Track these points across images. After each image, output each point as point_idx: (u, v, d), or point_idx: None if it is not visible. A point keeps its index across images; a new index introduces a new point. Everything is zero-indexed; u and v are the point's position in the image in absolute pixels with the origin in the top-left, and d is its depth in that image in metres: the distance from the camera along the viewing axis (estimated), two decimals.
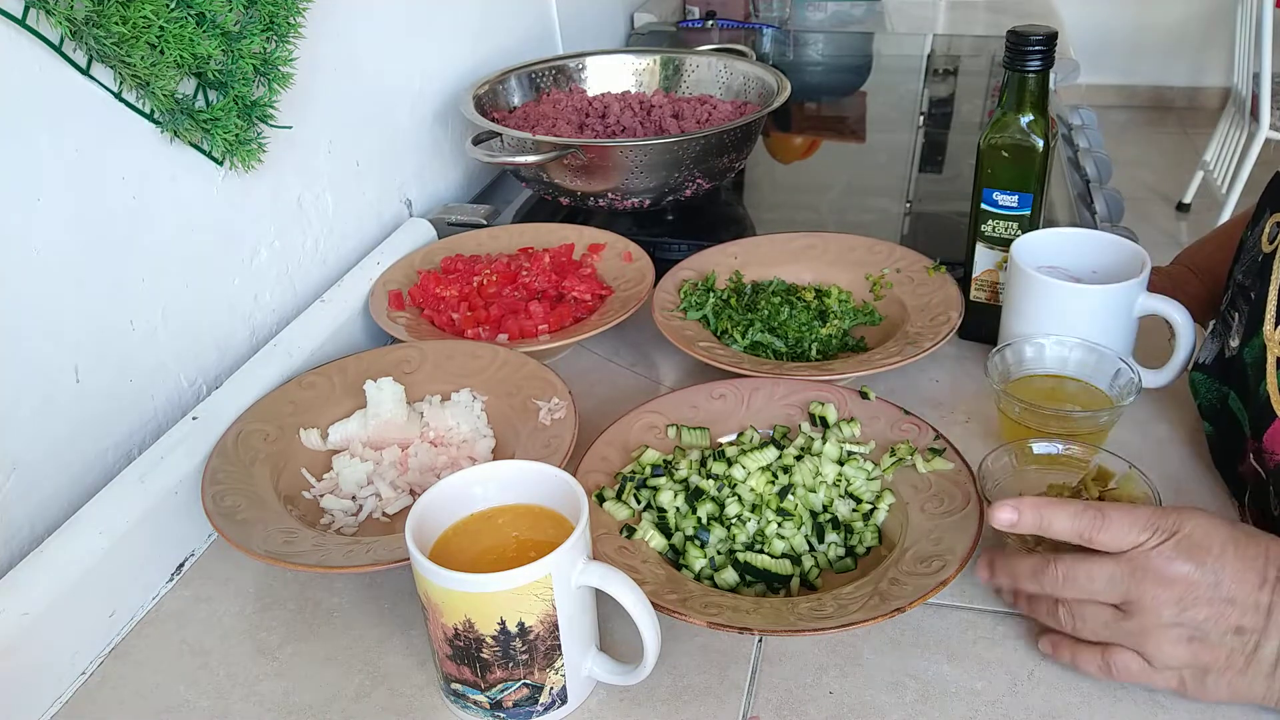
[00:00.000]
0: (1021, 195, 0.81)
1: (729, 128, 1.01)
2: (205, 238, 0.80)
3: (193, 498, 0.70)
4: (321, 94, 0.92)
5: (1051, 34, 0.76)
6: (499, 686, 0.55)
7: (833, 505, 0.68)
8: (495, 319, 0.87)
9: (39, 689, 0.60)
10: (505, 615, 0.53)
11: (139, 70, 0.68)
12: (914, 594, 0.58)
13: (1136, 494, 0.63)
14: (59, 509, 0.68)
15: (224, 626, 0.65)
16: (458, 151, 1.18)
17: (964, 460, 0.69)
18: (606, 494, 0.69)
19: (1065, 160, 1.23)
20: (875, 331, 0.88)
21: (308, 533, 0.67)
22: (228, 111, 0.76)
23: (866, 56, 1.75)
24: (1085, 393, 0.75)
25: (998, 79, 1.49)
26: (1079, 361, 0.75)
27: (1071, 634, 0.57)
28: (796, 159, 1.34)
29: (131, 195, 0.72)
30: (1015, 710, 0.57)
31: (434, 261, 0.97)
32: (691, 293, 0.90)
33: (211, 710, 0.60)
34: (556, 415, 0.75)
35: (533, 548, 0.56)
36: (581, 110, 1.18)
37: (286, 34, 0.80)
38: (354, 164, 0.99)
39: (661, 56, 1.26)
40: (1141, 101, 3.99)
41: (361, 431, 0.77)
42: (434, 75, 1.13)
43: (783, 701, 0.58)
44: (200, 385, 0.81)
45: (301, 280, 0.92)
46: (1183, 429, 0.77)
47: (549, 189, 1.05)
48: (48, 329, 0.67)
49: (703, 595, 0.61)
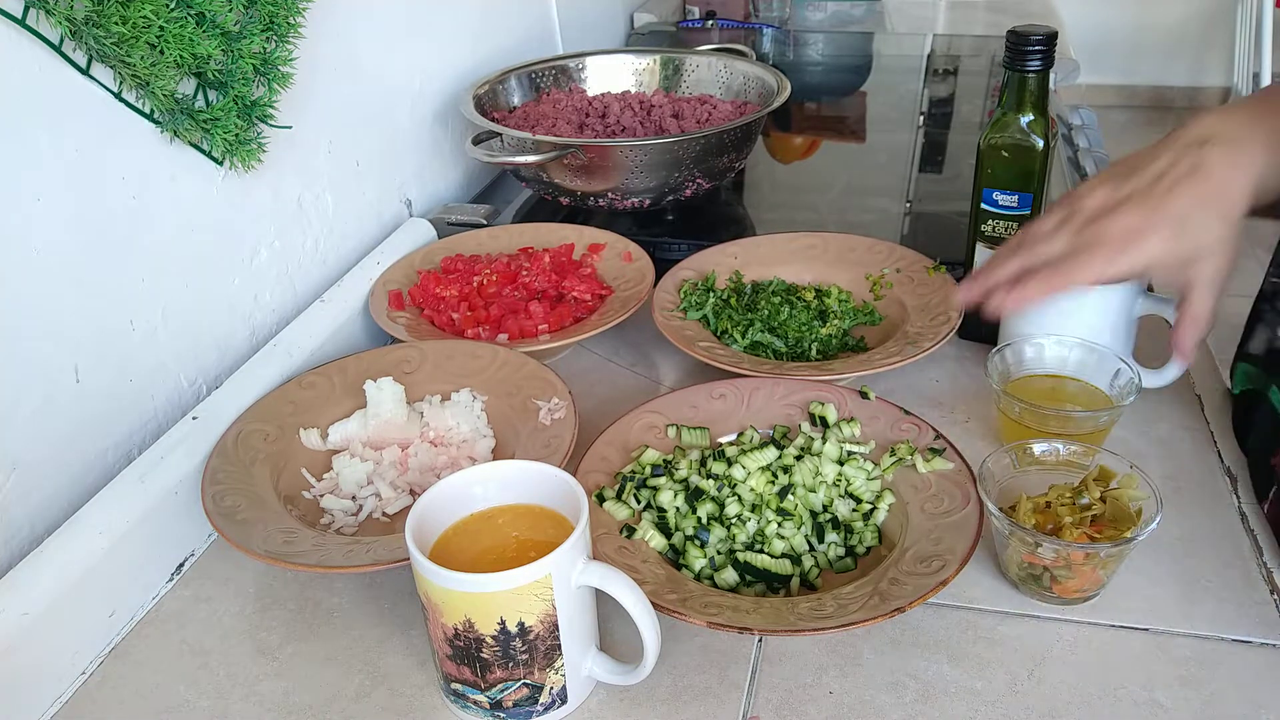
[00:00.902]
0: (1021, 195, 0.81)
1: (729, 128, 1.01)
2: (205, 238, 0.80)
3: (193, 498, 0.70)
4: (321, 94, 0.92)
5: (1051, 34, 0.76)
6: (499, 686, 0.55)
7: (833, 505, 0.68)
8: (495, 319, 0.87)
9: (39, 689, 0.60)
10: (505, 615, 0.53)
11: (139, 70, 0.68)
12: (914, 594, 0.58)
13: (1137, 494, 0.63)
14: (59, 509, 0.68)
15: (224, 626, 0.65)
16: (458, 151, 1.18)
17: (964, 460, 0.69)
18: (606, 494, 0.69)
19: (1065, 160, 1.22)
20: (875, 331, 0.88)
21: (308, 533, 0.67)
22: (228, 111, 0.76)
23: (866, 56, 1.75)
24: (1085, 393, 0.75)
25: (998, 79, 1.49)
26: (1078, 361, 0.75)
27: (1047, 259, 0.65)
28: (796, 159, 1.34)
29: (131, 195, 0.72)
30: (1015, 710, 0.57)
31: (434, 261, 0.97)
32: (691, 293, 0.90)
33: (211, 710, 0.60)
34: (556, 415, 0.75)
35: (533, 548, 0.56)
36: (581, 110, 1.18)
37: (286, 34, 0.80)
38: (354, 164, 0.99)
39: (661, 56, 1.26)
40: (1141, 101, 3.99)
41: (361, 431, 0.77)
42: (434, 75, 1.13)
43: (783, 701, 0.58)
44: (200, 385, 0.81)
45: (301, 280, 0.92)
46: (1183, 429, 0.77)
47: (549, 189, 1.05)
48: (48, 329, 0.67)
49: (703, 595, 0.61)
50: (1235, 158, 0.63)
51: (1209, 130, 0.64)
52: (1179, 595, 0.63)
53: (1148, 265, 0.63)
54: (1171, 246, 0.62)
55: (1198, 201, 0.62)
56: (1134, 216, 0.63)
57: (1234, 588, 0.63)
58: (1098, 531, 0.62)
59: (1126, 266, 0.63)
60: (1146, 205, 0.63)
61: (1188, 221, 0.62)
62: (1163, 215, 0.62)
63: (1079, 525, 0.62)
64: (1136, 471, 0.64)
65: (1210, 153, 0.63)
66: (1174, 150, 0.64)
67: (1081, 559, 0.60)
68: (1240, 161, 0.63)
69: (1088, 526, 0.62)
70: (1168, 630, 0.61)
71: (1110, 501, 0.63)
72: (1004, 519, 0.62)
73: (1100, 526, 0.62)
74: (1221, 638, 0.60)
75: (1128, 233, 0.63)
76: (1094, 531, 0.62)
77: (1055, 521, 0.62)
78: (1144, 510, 0.62)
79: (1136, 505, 0.62)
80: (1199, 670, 0.58)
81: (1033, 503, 0.63)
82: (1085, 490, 0.64)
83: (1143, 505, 0.62)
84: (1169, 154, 0.64)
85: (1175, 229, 0.62)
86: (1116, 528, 0.62)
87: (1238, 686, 0.57)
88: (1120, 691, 0.57)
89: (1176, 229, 0.62)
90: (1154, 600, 0.63)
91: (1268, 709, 0.56)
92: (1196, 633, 0.61)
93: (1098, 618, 0.62)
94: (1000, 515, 0.62)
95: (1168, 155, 0.64)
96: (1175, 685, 0.58)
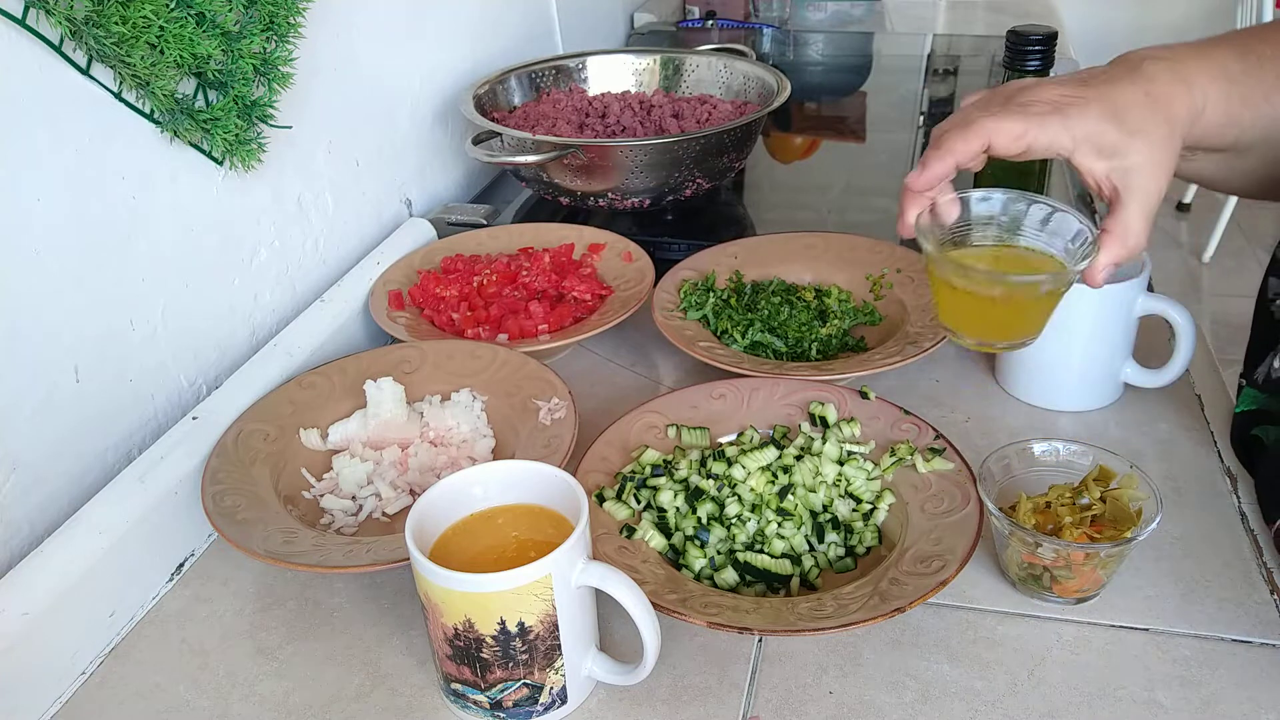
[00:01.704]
0: None
1: (729, 128, 1.01)
2: (205, 238, 0.80)
3: (193, 498, 0.70)
4: (321, 94, 0.92)
5: (1051, 34, 0.76)
6: (499, 686, 0.55)
7: (833, 505, 0.68)
8: (495, 319, 0.87)
9: (39, 689, 0.60)
10: (505, 615, 0.53)
11: (139, 70, 0.68)
12: (914, 594, 0.58)
13: (1137, 494, 0.63)
14: (59, 509, 0.68)
15: (224, 626, 0.65)
16: (458, 151, 1.18)
17: (964, 460, 0.69)
18: (606, 494, 0.69)
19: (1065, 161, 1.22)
20: (875, 331, 0.88)
21: (308, 533, 0.67)
22: (228, 111, 0.76)
23: (866, 56, 1.75)
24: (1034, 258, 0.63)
25: (998, 79, 1.48)
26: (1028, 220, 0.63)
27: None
28: (796, 159, 1.34)
29: (131, 195, 0.72)
30: (1015, 710, 0.57)
31: (434, 261, 0.97)
32: (691, 293, 0.90)
33: (211, 710, 0.60)
34: (556, 415, 0.75)
35: (533, 548, 0.56)
36: (581, 110, 1.18)
37: (286, 34, 0.80)
38: (354, 164, 0.99)
39: (661, 56, 1.25)
40: None
41: (361, 431, 0.77)
42: (434, 75, 1.13)
43: (783, 701, 0.58)
44: (200, 385, 0.81)
45: (301, 280, 0.92)
46: (1183, 429, 0.77)
47: (549, 189, 1.05)
48: (48, 329, 0.67)
49: (703, 595, 0.61)
50: (1179, 73, 0.59)
51: (1152, 52, 0.60)
52: (1179, 595, 0.63)
53: (1077, 137, 0.56)
54: (1106, 126, 0.56)
55: (1140, 95, 0.57)
56: (1070, 88, 0.58)
57: (1234, 588, 0.63)
58: (1098, 531, 0.62)
59: (1053, 132, 0.56)
60: (1084, 84, 0.58)
61: (1128, 110, 0.57)
62: (1100, 94, 0.57)
63: (1079, 525, 0.62)
64: (1136, 471, 0.64)
65: (1153, 65, 0.59)
66: (1115, 65, 0.60)
67: (1081, 559, 0.60)
68: (1184, 77, 0.59)
69: (1088, 526, 0.62)
70: (1168, 630, 0.61)
71: (1110, 501, 0.63)
72: (1004, 519, 0.62)
73: (1100, 526, 0.62)
74: (1221, 638, 0.60)
75: (1062, 100, 0.57)
76: (1094, 531, 0.62)
77: (1055, 521, 0.62)
78: (1144, 510, 0.62)
79: (1136, 505, 0.62)
80: (1199, 670, 0.58)
81: (1033, 503, 0.63)
82: (1085, 490, 0.64)
83: (1143, 505, 0.62)
84: (1110, 67, 0.59)
85: (1113, 110, 0.57)
86: (1116, 528, 0.62)
87: (1238, 686, 0.57)
88: (1120, 691, 0.57)
89: (1114, 111, 0.57)
90: (1154, 600, 0.63)
91: (1268, 709, 0.56)
92: (1196, 633, 0.61)
93: (1098, 618, 0.62)
94: (1000, 515, 0.62)
95: (1108, 68, 0.59)
96: (1175, 685, 0.58)
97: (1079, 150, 0.57)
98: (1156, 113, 0.57)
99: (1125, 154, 0.57)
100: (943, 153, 0.58)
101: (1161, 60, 0.59)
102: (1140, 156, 0.57)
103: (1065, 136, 0.57)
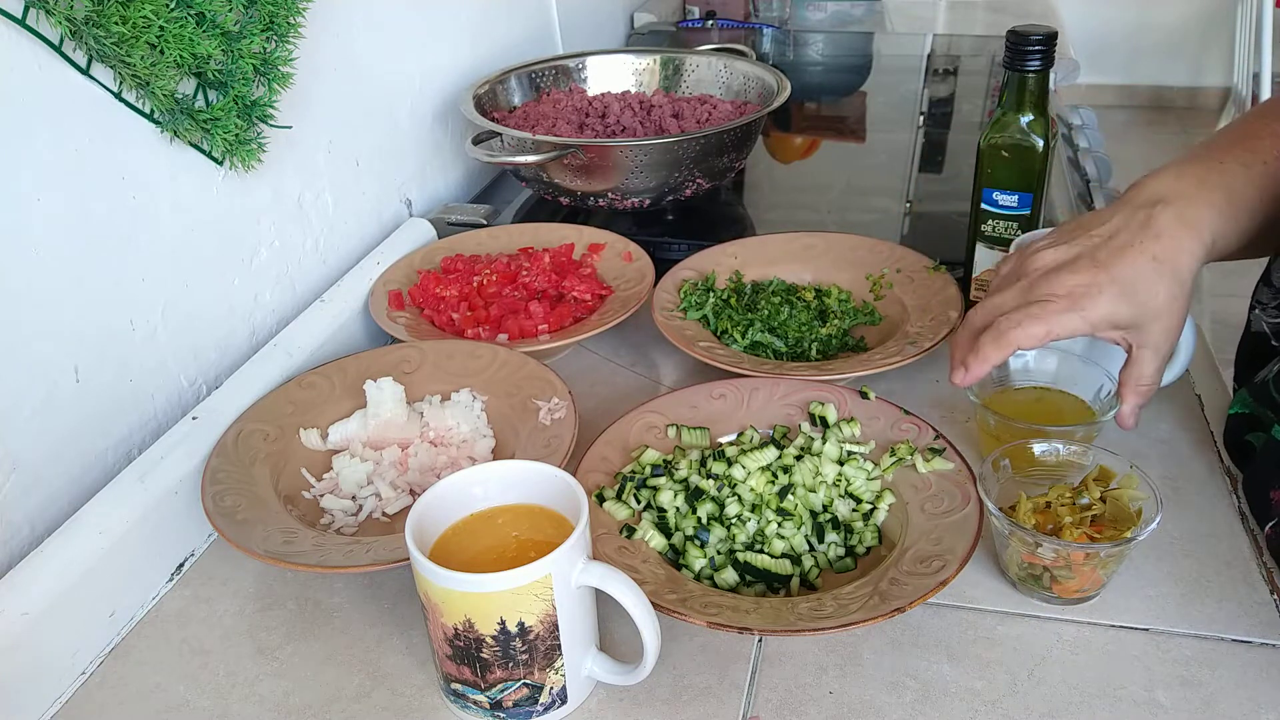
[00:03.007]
0: (1021, 195, 0.81)
1: (729, 128, 1.01)
2: (205, 238, 0.80)
3: (193, 498, 0.70)
4: (321, 94, 0.92)
5: (1051, 34, 0.76)
6: (499, 686, 0.55)
7: (833, 505, 0.68)
8: (495, 319, 0.87)
9: (39, 689, 0.60)
10: (505, 615, 0.53)
11: (139, 70, 0.68)
12: (914, 594, 0.58)
13: (1138, 494, 0.63)
14: (59, 509, 0.68)
15: (224, 626, 0.65)
16: (458, 151, 1.18)
17: (964, 460, 0.69)
18: (606, 494, 0.69)
19: (1065, 160, 1.23)
20: (875, 331, 0.88)
21: (308, 533, 0.67)
22: (228, 111, 0.76)
23: (866, 56, 1.75)
24: (1067, 404, 0.74)
25: (998, 79, 1.49)
26: (1063, 373, 0.75)
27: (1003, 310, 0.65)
28: (796, 159, 1.34)
29: (131, 195, 0.72)
30: (1015, 710, 0.57)
31: (434, 261, 0.97)
32: (691, 293, 0.90)
33: (211, 710, 0.60)
34: (556, 415, 0.75)
35: (533, 548, 0.56)
36: (581, 110, 1.18)
37: (286, 34, 0.80)
38: (354, 164, 0.99)
39: (661, 56, 1.26)
40: (1141, 101, 3.99)
41: (361, 431, 0.77)
42: (434, 75, 1.13)
43: (783, 701, 0.58)
44: (200, 385, 0.81)
45: (301, 280, 0.92)
46: (1183, 429, 0.77)
47: (549, 189, 1.05)
48: (48, 329, 0.67)
49: (703, 595, 0.61)
50: (1186, 218, 0.62)
51: (1161, 190, 0.64)
52: (1179, 595, 0.63)
53: (1094, 324, 0.62)
54: (1119, 307, 0.62)
55: (1147, 263, 0.62)
56: (1083, 275, 0.62)
57: (1234, 588, 0.63)
58: (1098, 531, 0.62)
59: (1073, 325, 0.62)
60: (1095, 264, 0.62)
61: (1137, 283, 0.62)
62: (1111, 275, 0.62)
63: (1079, 525, 0.62)
64: (1136, 471, 0.64)
65: (1161, 213, 0.62)
66: (1125, 211, 0.64)
67: (1081, 559, 0.60)
68: (1191, 221, 0.62)
69: (1088, 526, 0.62)
70: (1168, 630, 0.61)
71: (1110, 501, 0.63)
72: (1004, 519, 0.62)
73: (1100, 526, 0.62)
74: (1221, 638, 0.60)
75: (1075, 291, 0.62)
76: (1094, 531, 0.62)
77: (1055, 521, 0.62)
78: (1144, 510, 0.62)
79: (1136, 505, 0.62)
80: (1199, 670, 0.58)
81: (1033, 503, 0.63)
82: (1085, 490, 0.64)
83: (1143, 505, 0.62)
84: (1120, 215, 0.64)
85: (1124, 289, 0.61)
86: (1116, 528, 0.62)
87: (1238, 686, 0.57)
88: (1120, 691, 0.57)
89: (1125, 289, 0.61)
90: (1154, 600, 0.63)
91: (1268, 709, 0.56)
92: (1196, 633, 0.61)
93: (1098, 618, 0.62)
94: (1000, 515, 0.62)
95: (1119, 216, 0.64)
96: (1175, 685, 0.58)
97: (1097, 330, 0.63)
98: (1164, 275, 0.62)
99: (1138, 326, 0.63)
100: (981, 360, 0.64)
101: (1170, 206, 0.63)
102: (1152, 323, 0.63)
103: (1084, 326, 0.62)
